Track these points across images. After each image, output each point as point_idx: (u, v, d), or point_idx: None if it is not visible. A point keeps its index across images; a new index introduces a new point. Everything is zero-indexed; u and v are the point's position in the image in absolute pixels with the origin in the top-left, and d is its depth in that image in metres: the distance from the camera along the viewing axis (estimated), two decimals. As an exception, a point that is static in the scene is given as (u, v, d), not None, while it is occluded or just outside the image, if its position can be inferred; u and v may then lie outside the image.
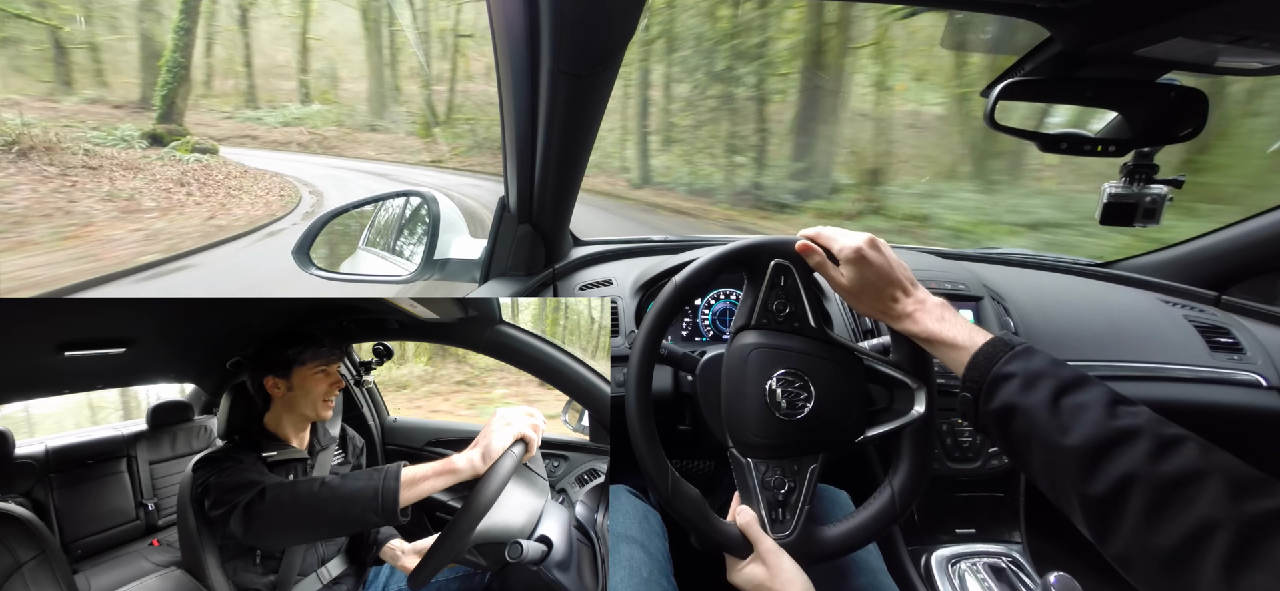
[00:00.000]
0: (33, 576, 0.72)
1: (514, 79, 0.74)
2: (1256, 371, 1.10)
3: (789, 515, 0.64)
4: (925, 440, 0.65)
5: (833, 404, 0.65)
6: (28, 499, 0.90)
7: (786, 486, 0.64)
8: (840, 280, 0.64)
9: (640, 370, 0.69)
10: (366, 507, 0.62)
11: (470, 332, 0.90)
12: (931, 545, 1.00)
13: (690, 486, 0.66)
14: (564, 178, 0.94)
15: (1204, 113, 0.74)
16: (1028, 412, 0.50)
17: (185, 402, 1.06)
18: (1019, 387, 0.51)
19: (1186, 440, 0.44)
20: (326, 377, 0.76)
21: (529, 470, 0.67)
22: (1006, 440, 0.53)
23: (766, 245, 0.68)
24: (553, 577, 0.68)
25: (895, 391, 0.67)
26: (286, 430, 0.77)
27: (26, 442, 0.94)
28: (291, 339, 0.75)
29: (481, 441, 0.64)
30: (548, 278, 1.13)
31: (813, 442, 0.65)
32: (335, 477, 0.65)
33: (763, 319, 0.68)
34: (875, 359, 0.67)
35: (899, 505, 0.64)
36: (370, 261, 1.30)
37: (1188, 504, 0.41)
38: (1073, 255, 1.43)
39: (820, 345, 0.67)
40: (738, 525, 0.64)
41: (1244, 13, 0.58)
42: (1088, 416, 0.47)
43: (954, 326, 0.59)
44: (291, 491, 0.64)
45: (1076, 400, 0.49)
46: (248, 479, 0.65)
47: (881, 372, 0.67)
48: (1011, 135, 0.78)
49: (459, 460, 0.64)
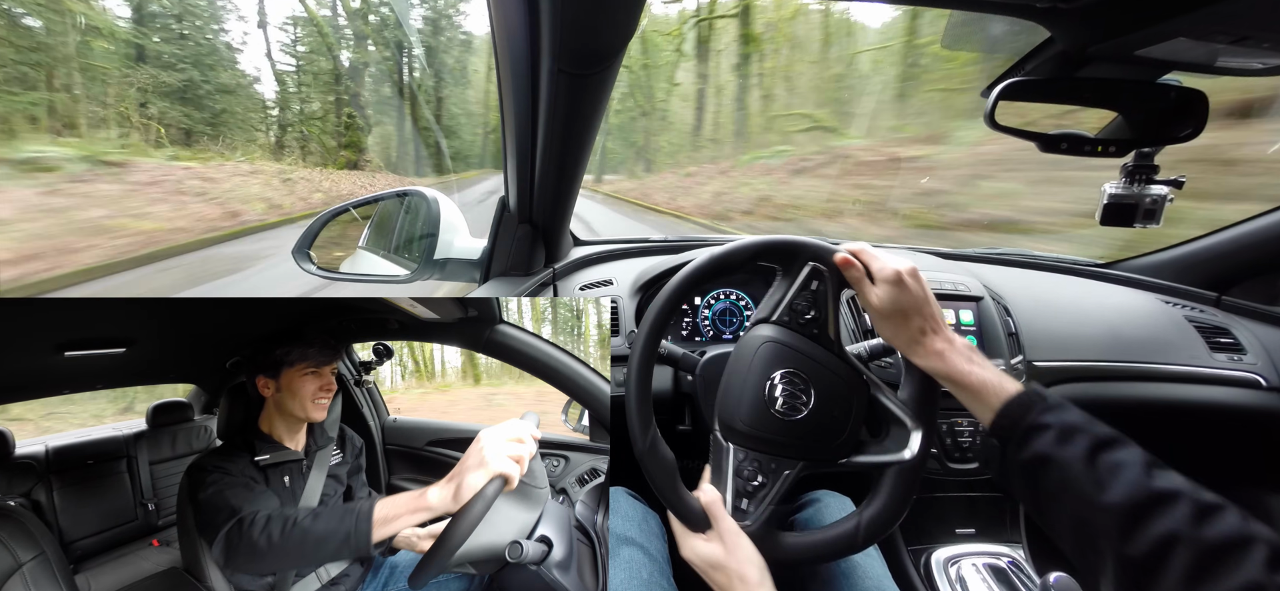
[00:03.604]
0: (33, 576, 0.72)
1: (514, 79, 0.73)
2: (1257, 372, 1.10)
3: (753, 507, 0.63)
4: (908, 483, 0.63)
5: (828, 418, 0.64)
6: (27, 499, 0.90)
7: (759, 479, 0.64)
8: (874, 300, 0.64)
9: (659, 316, 0.67)
10: (340, 546, 0.61)
11: (470, 332, 0.90)
12: (931, 545, 1.00)
13: (668, 450, 0.66)
14: (564, 178, 0.94)
15: (1204, 113, 0.74)
16: (1062, 466, 0.50)
17: (185, 402, 1.06)
18: (1054, 440, 0.51)
19: (1226, 507, 0.45)
20: (317, 379, 0.75)
21: (523, 482, 0.66)
22: (1033, 491, 0.53)
23: (808, 246, 0.67)
24: (553, 578, 0.68)
25: (892, 426, 0.66)
26: (280, 431, 0.77)
27: (27, 442, 0.94)
28: (281, 340, 0.74)
29: (457, 475, 0.61)
30: (548, 277, 1.13)
31: (798, 448, 0.64)
32: (309, 515, 0.63)
33: (785, 317, 0.67)
34: (881, 389, 0.66)
35: (862, 538, 0.63)
36: (370, 261, 1.29)
37: (1233, 569, 0.41)
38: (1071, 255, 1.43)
39: (832, 358, 0.66)
40: (702, 501, 0.63)
41: (1244, 13, 0.58)
42: (1126, 475, 0.47)
43: (983, 370, 0.59)
44: (266, 529, 0.63)
45: (1114, 458, 0.48)
46: (228, 503, 0.64)
47: (883, 404, 0.66)
48: (1011, 135, 0.78)
49: (432, 495, 0.61)
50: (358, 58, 19.05)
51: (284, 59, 17.52)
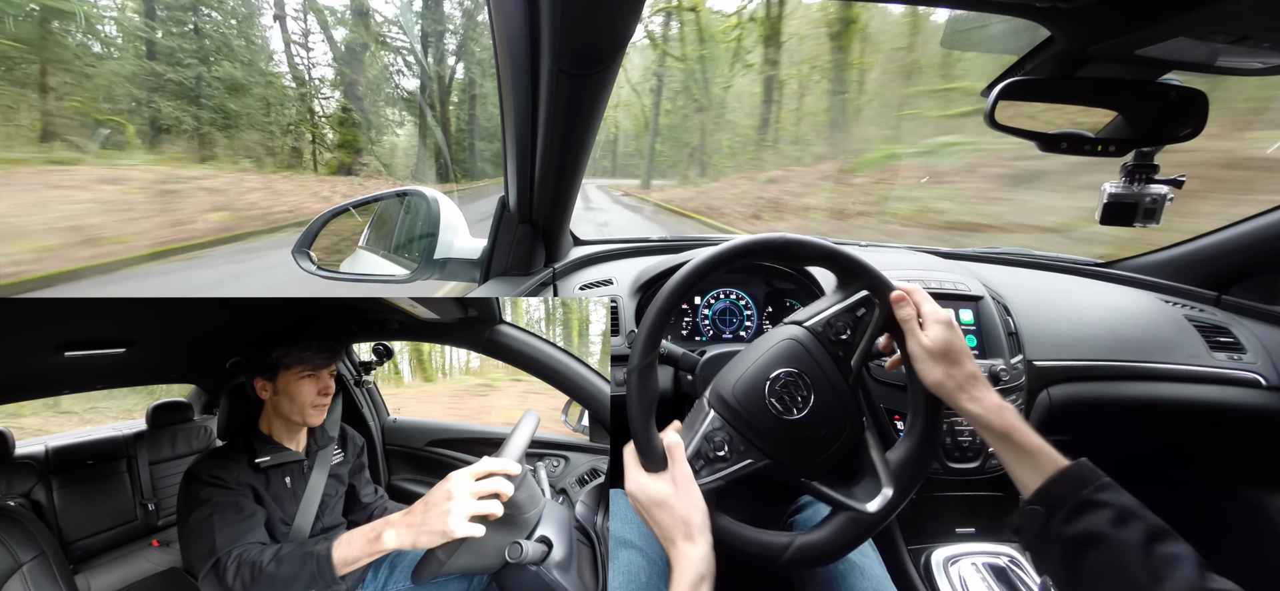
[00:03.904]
0: (33, 576, 0.72)
1: (514, 79, 0.73)
2: (1257, 371, 1.10)
3: (706, 474, 0.62)
4: (856, 534, 0.62)
5: (813, 435, 0.64)
6: (27, 499, 0.90)
7: (723, 453, 0.63)
8: (926, 341, 0.63)
9: (688, 276, 0.66)
10: (307, 587, 0.62)
11: (470, 332, 0.90)
12: (931, 545, 1.00)
13: (656, 383, 0.65)
14: (564, 178, 0.94)
15: (1204, 113, 0.74)
16: (1117, 548, 0.49)
17: (185, 403, 1.06)
18: (1110, 520, 0.50)
19: None
20: (315, 382, 0.75)
21: (510, 512, 0.66)
22: (1073, 565, 0.52)
23: (868, 271, 0.67)
24: (552, 578, 0.68)
25: (867, 476, 0.65)
26: (280, 432, 0.77)
27: (27, 442, 0.94)
28: (277, 341, 0.74)
29: (418, 520, 0.60)
30: (548, 277, 1.13)
31: (772, 446, 0.63)
32: (273, 559, 0.63)
33: (820, 327, 0.67)
34: (872, 440, 0.66)
35: (787, 558, 0.61)
36: (370, 261, 1.29)
37: None
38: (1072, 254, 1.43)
39: (844, 385, 0.65)
40: (665, 442, 0.63)
41: (1244, 13, 0.58)
42: (1181, 570, 0.47)
43: (1033, 433, 0.58)
44: (238, 573, 0.63)
45: (1170, 550, 0.48)
46: (211, 537, 0.64)
47: (869, 452, 0.65)
48: (1012, 135, 0.78)
49: (389, 538, 0.60)
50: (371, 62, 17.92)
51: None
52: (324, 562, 0.61)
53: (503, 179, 1.03)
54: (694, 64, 19.09)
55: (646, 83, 23.97)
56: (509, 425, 0.73)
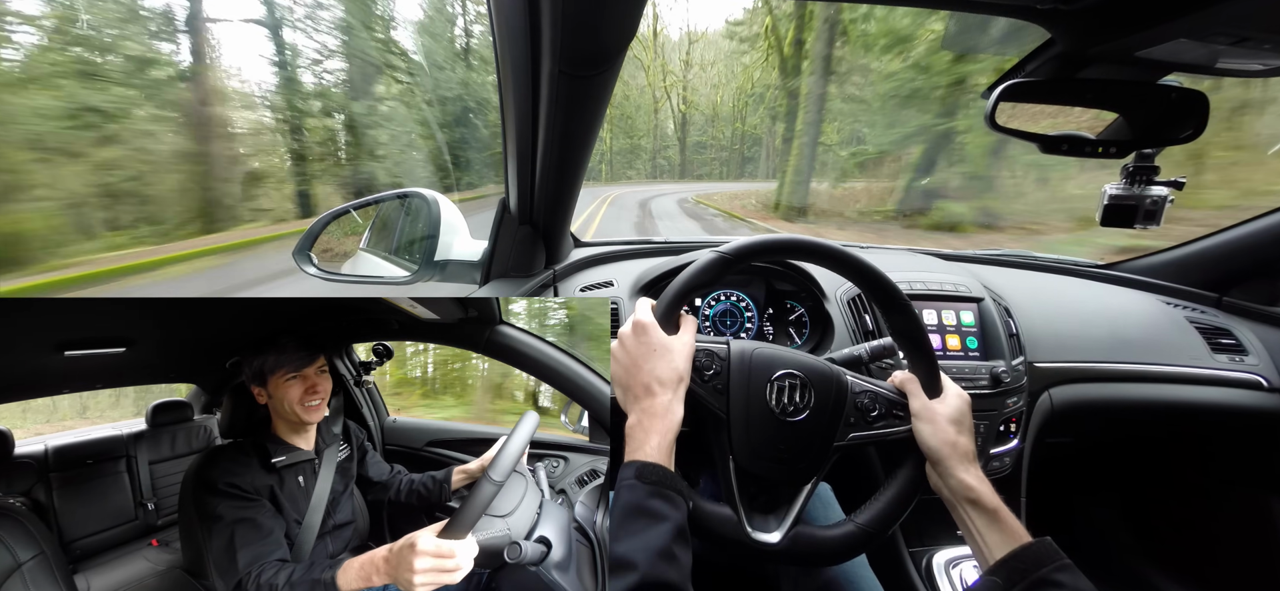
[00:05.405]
0: (33, 576, 0.72)
1: (514, 79, 0.74)
2: (1258, 373, 1.10)
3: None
4: (775, 555, 0.61)
5: (798, 449, 0.63)
6: (28, 499, 0.90)
7: (709, 374, 0.65)
8: (951, 404, 0.65)
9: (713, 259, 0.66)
10: None
11: (471, 333, 0.90)
12: (932, 546, 1.00)
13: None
14: (564, 179, 0.94)
15: (1205, 114, 0.74)
16: None
17: (185, 402, 1.06)
18: None
19: None
20: (301, 382, 0.76)
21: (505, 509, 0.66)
22: None
23: (909, 315, 0.67)
24: (551, 578, 0.68)
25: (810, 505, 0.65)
26: (287, 433, 0.78)
27: (27, 442, 0.94)
28: (258, 348, 0.75)
29: (392, 567, 0.60)
30: (548, 278, 1.13)
31: (743, 443, 0.63)
32: (288, 584, 0.65)
33: (851, 359, 0.72)
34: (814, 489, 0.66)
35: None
36: (371, 262, 1.29)
37: None
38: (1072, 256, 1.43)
39: (847, 414, 0.65)
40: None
41: (1244, 13, 0.58)
42: None
43: (1010, 514, 0.60)
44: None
45: None
46: (233, 550, 0.66)
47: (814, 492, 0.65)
48: (1012, 136, 0.78)
49: (376, 578, 0.62)
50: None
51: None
52: (331, 588, 0.63)
53: (503, 180, 1.03)
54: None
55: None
56: (508, 426, 0.73)
